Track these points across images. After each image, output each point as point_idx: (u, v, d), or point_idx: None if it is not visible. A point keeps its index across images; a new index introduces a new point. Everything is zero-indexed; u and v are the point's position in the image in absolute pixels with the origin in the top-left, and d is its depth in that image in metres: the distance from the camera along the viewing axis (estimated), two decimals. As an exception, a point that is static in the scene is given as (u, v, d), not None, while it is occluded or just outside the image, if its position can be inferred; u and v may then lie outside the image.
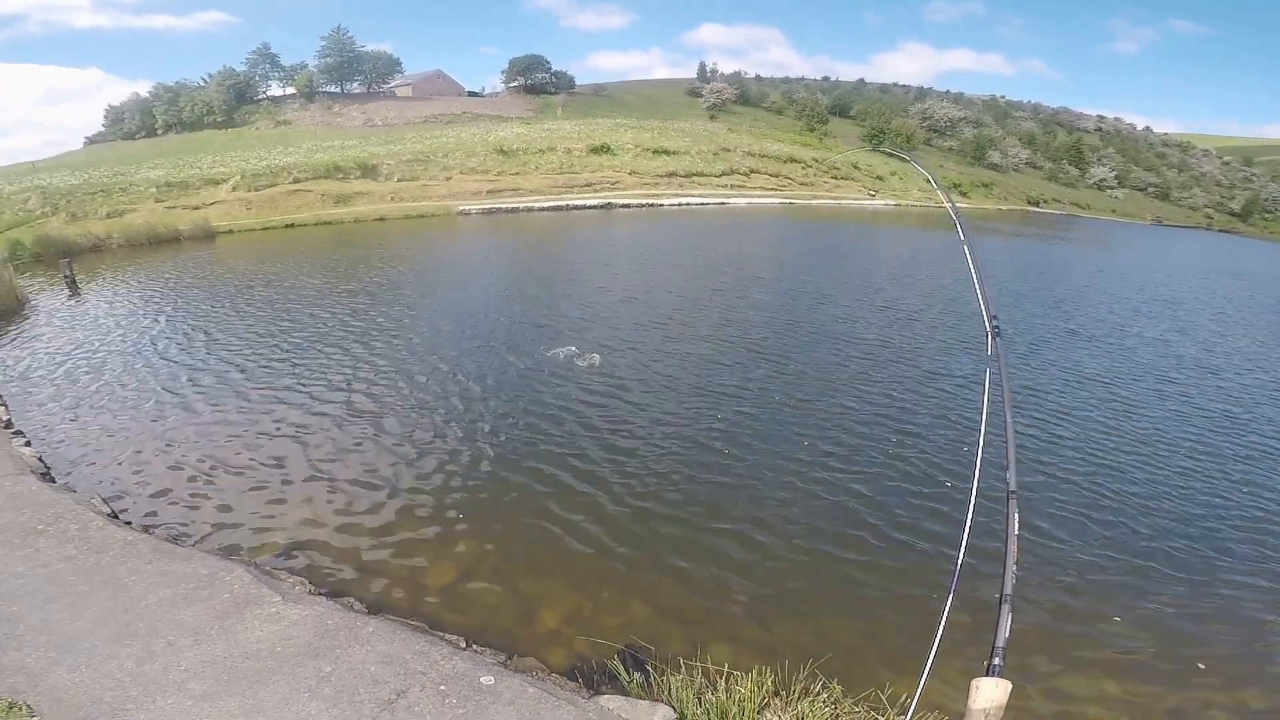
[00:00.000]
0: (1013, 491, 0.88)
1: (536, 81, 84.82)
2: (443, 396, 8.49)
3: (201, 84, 73.48)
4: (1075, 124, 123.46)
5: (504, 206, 33.06)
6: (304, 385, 8.77)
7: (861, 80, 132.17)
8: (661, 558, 5.36)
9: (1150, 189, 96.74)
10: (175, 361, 9.76)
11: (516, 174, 38.83)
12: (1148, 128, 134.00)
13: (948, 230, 34.72)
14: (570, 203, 34.20)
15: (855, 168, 52.55)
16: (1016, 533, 0.86)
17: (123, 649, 3.58)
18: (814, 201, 43.29)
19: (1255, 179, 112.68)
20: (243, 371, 9.32)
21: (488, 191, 36.18)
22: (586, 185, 38.12)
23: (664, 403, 8.53)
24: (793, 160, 49.53)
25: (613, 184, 38.92)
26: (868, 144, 65.07)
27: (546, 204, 33.88)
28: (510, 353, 10.36)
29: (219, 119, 69.14)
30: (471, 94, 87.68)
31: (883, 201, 47.13)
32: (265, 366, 9.52)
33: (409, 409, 8.07)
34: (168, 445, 7.00)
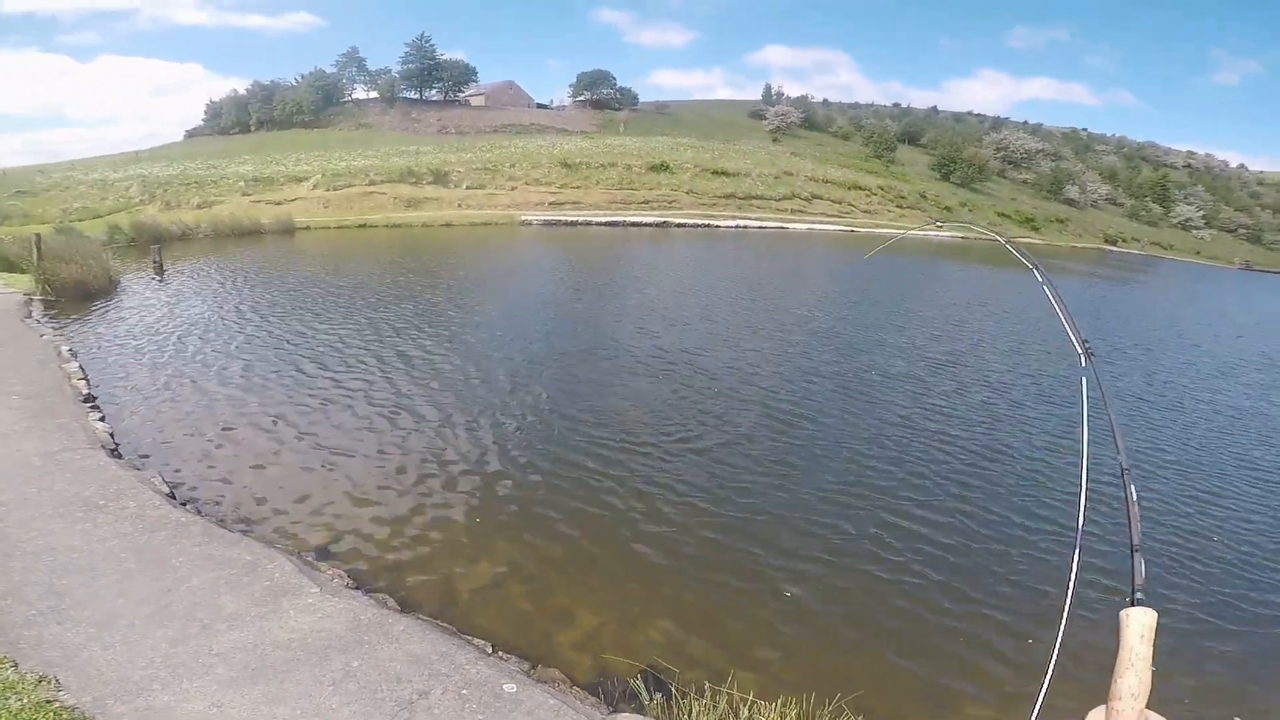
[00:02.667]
0: (1126, 469, 1.06)
1: (601, 96, 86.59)
2: (496, 407, 8.65)
3: (294, 83, 78.13)
4: (1162, 159, 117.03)
5: (564, 219, 33.70)
6: (366, 384, 9.08)
7: (934, 108, 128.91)
8: (696, 579, 5.32)
9: (1241, 230, 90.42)
10: (247, 350, 10.29)
11: (578, 187, 39.58)
12: (1242, 165, 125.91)
13: (1022, 268, 33.29)
14: (628, 219, 34.58)
15: (922, 197, 51.22)
16: (1135, 499, 1.05)
17: (159, 630, 3.73)
18: (877, 230, 42.36)
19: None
20: (309, 365, 9.72)
21: (550, 203, 36.99)
22: (644, 202, 38.50)
23: (713, 419, 8.47)
24: (857, 187, 48.69)
25: (670, 202, 39.17)
26: (936, 173, 63.42)
27: (604, 219, 34.36)
28: (564, 366, 10.51)
29: (307, 118, 73.29)
30: (540, 106, 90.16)
31: (948, 233, 45.68)
32: (331, 362, 9.90)
33: (464, 417, 8.25)
34: (231, 431, 7.35)
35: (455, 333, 12.01)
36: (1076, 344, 1.17)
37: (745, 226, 36.03)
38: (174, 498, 5.55)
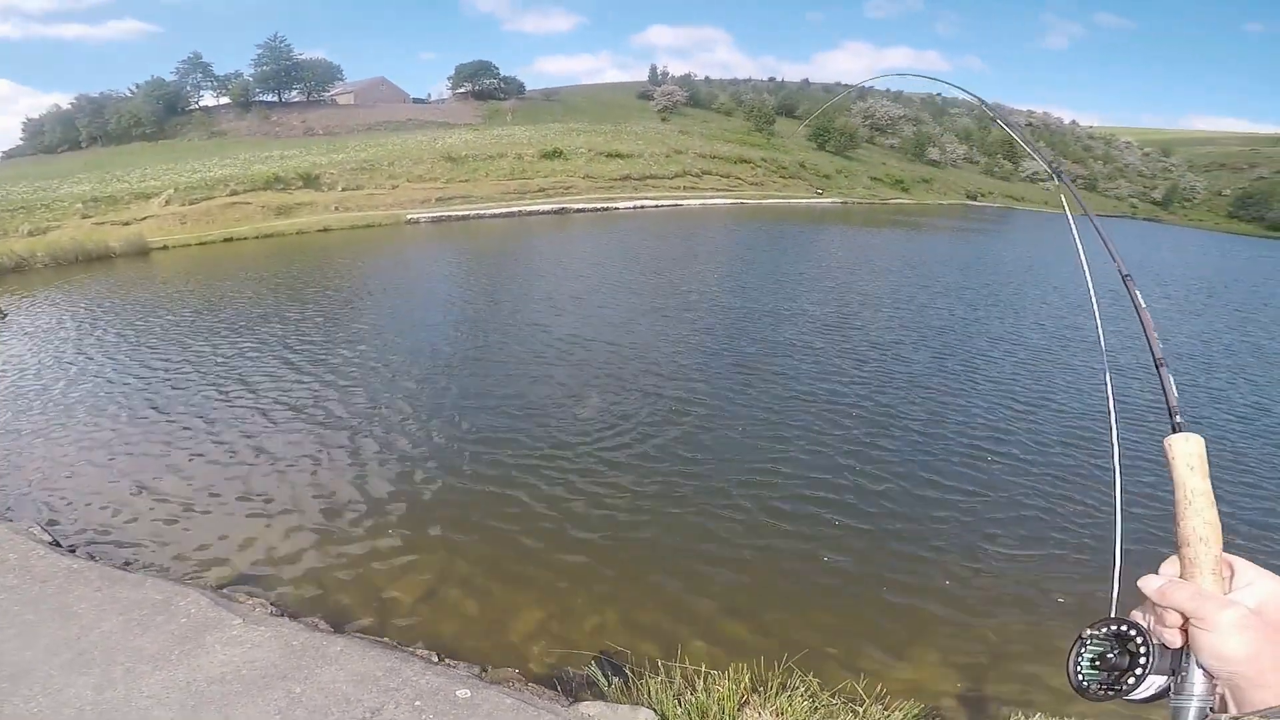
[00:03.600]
0: (1126, 274, 0.93)
1: (484, 87, 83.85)
2: (399, 412, 8.34)
3: (129, 95, 70.04)
4: (1008, 119, 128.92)
5: (454, 214, 32.56)
6: (249, 405, 8.47)
7: (806, 80, 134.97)
8: (633, 562, 5.39)
9: (1078, 180, 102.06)
10: (108, 385, 9.29)
11: (466, 181, 38.31)
12: (1074, 121, 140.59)
13: (902, 227, 35.92)
14: (524, 208, 33.94)
15: (802, 166, 53.77)
16: (1144, 305, 0.88)
17: (80, 677, 3.45)
18: (765, 201, 44.09)
19: (1174, 169, 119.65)
20: (182, 393, 8.94)
21: (437, 199, 35.56)
22: (539, 190, 37.89)
23: (628, 393, 8.59)
24: (743, 161, 50.34)
25: (566, 189, 38.79)
26: (813, 143, 66.68)
27: (499, 210, 33.52)
28: (470, 368, 10.26)
29: (148, 130, 66.00)
30: (417, 101, 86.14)
31: (829, 199, 48.36)
32: (206, 388, 9.15)
33: (363, 427, 7.89)
34: (107, 472, 6.67)
35: (346, 342, 11.40)
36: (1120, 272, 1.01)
37: (643, 206, 36.41)
38: (59, 545, 5.02)
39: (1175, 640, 0.72)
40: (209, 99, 75.49)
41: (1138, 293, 0.94)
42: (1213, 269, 29.46)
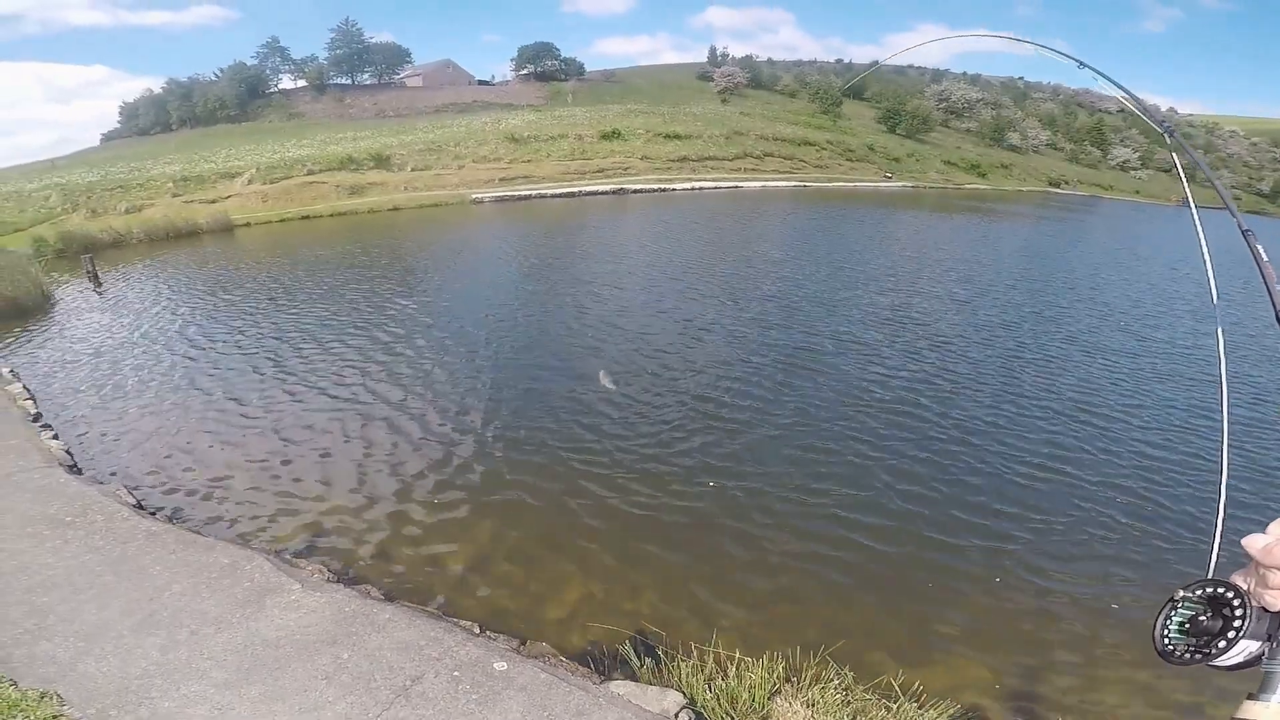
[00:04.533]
0: (1246, 230, 0.97)
1: (546, 69, 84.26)
2: (460, 388, 8.49)
3: (214, 78, 73.92)
4: (1097, 105, 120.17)
5: (517, 194, 32.98)
6: (323, 377, 8.81)
7: (875, 62, 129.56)
8: (676, 546, 5.34)
9: (1173, 170, 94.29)
10: (196, 354, 9.85)
11: (529, 161, 38.70)
12: (1172, 109, 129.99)
13: (976, 213, 34.09)
14: (583, 189, 34.04)
15: (871, 149, 51.72)
16: (1267, 258, 0.90)
17: (148, 638, 3.62)
18: (830, 184, 42.71)
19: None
20: (263, 363, 9.38)
21: (500, 179, 36.11)
22: (599, 171, 37.90)
23: (681, 385, 8.47)
24: (807, 143, 48.86)
25: (624, 169, 38.66)
26: (883, 125, 64.03)
27: (559, 190, 33.75)
28: (528, 347, 10.35)
29: (232, 113, 69.56)
30: (481, 83, 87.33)
31: (899, 184, 46.36)
32: (285, 359, 9.58)
33: (427, 400, 8.08)
34: (191, 438, 7.08)
35: (413, 317, 11.69)
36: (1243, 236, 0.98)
37: (700, 188, 35.89)
38: (142, 508, 5.32)
39: (1274, 602, 0.69)
40: (287, 82, 78.90)
41: (1259, 246, 0.89)
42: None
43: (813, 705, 3.53)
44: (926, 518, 5.79)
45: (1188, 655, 0.73)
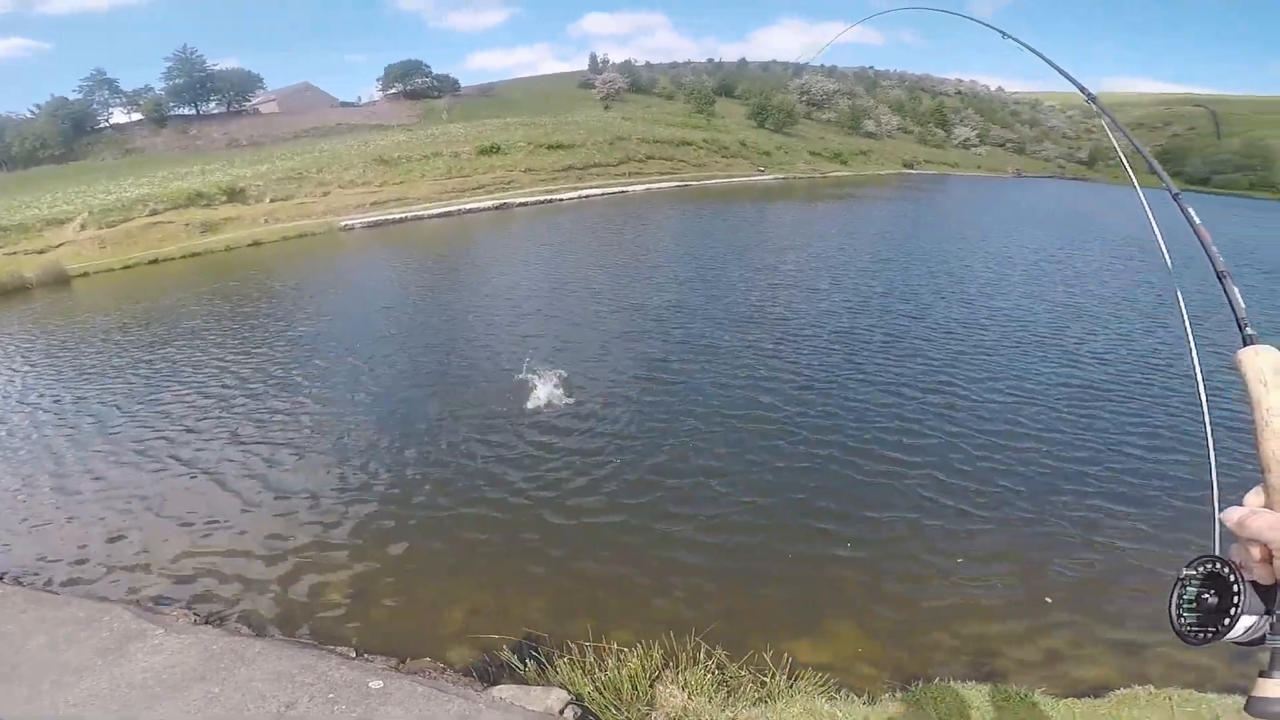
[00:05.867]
0: (1223, 272, 0.86)
1: (417, 87, 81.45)
2: (324, 421, 7.98)
3: (30, 116, 65.54)
4: (937, 89, 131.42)
5: (391, 217, 31.65)
6: (178, 428, 8.02)
7: (744, 60, 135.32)
8: (555, 554, 5.33)
9: (1008, 144, 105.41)
10: (36, 412, 8.74)
11: (401, 183, 37.21)
12: (1000, 88, 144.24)
13: (840, 199, 36.42)
14: (463, 206, 33.17)
15: (743, 145, 54.03)
16: (1199, 222, 0.85)
17: (11, 690, 3.54)
18: (709, 182, 44.16)
19: (1096, 130, 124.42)
20: (110, 414, 8.48)
21: (371, 203, 34.49)
22: (479, 187, 37.09)
23: (553, 400, 8.40)
24: (685, 143, 50.24)
25: (507, 183, 38.07)
26: (752, 121, 67.10)
27: (437, 210, 32.70)
28: (402, 375, 9.89)
29: (56, 152, 61.97)
30: (346, 105, 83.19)
31: (771, 176, 48.74)
32: (132, 407, 8.68)
33: (287, 439, 7.52)
34: (34, 499, 6.40)
35: (276, 357, 10.89)
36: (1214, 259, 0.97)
37: (588, 196, 36.00)
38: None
39: (1265, 575, 0.66)
40: (119, 116, 71.28)
41: (1191, 210, 0.88)
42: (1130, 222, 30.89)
43: (687, 687, 3.59)
44: (788, 504, 6.09)
45: (1200, 634, 0.71)
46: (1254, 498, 0.70)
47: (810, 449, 7.00)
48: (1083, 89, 1.59)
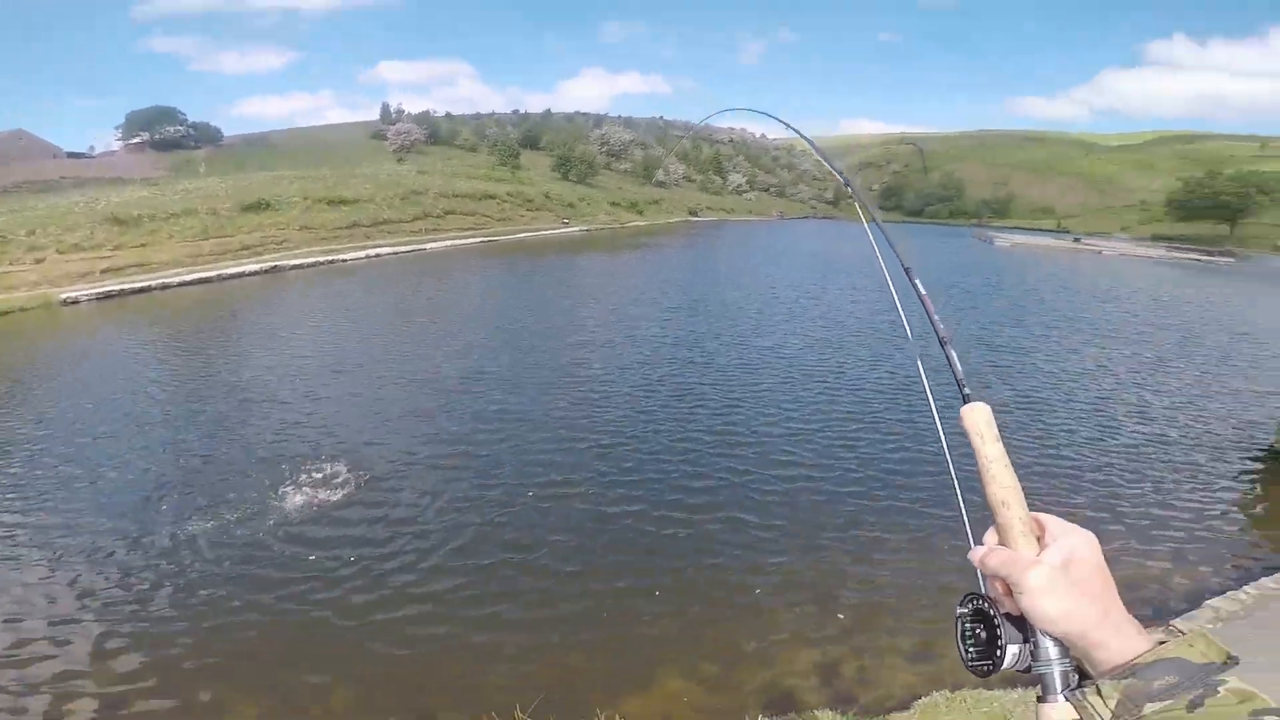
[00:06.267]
0: (907, 266, 0.97)
1: (168, 136, 71.39)
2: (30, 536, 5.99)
3: None
4: (714, 137, 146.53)
5: (130, 286, 26.68)
6: None
7: (548, 110, 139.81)
8: (341, 658, 4.87)
9: (771, 189, 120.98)
10: None
11: (143, 245, 31.71)
12: (763, 134, 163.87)
13: (639, 248, 38.25)
14: (224, 271, 29.04)
15: (547, 197, 54.94)
16: (925, 293, 0.94)
17: None
18: (513, 236, 43.85)
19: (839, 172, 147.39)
20: None
21: (104, 270, 28.82)
22: (244, 248, 32.85)
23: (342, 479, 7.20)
24: (488, 196, 49.62)
25: (279, 243, 34.22)
26: (557, 173, 68.89)
27: (190, 276, 28.25)
28: (129, 471, 7.88)
29: None
30: (74, 155, 70.16)
31: (576, 228, 50.00)
32: None
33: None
34: None
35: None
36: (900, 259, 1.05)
37: (378, 255, 33.60)
38: None
39: (1013, 607, 0.73)
40: None
41: (918, 281, 0.98)
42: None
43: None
44: (598, 568, 5.97)
45: (983, 666, 0.74)
46: (990, 536, 0.76)
47: (613, 508, 7.02)
48: (810, 141, 1.78)
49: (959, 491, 0.87)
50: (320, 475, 7.66)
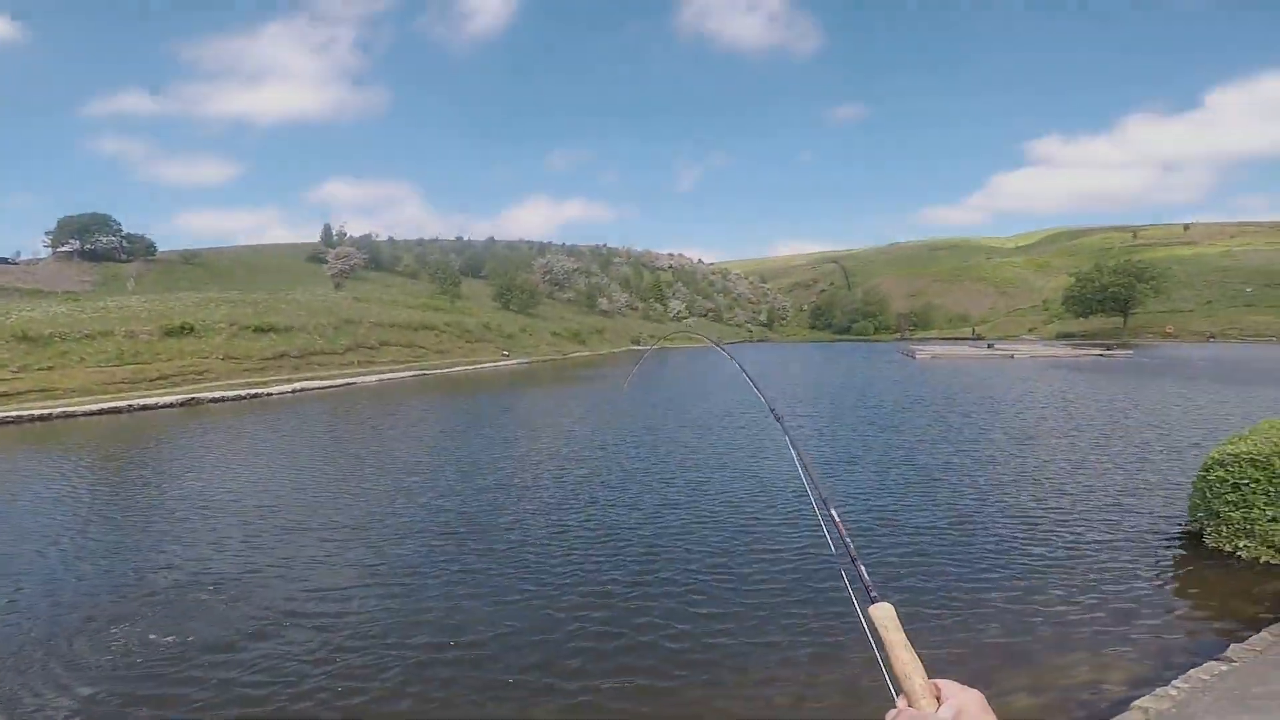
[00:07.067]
0: (825, 498, 1.34)
1: (100, 246, 69.87)
2: None
3: None
4: (654, 264, 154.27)
5: (30, 414, 24.98)
6: None
7: (491, 238, 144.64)
8: None
9: (709, 314, 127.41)
10: None
11: (49, 368, 30.13)
12: (700, 259, 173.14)
13: (582, 382, 38.76)
14: (136, 402, 27.66)
15: (487, 328, 56.03)
16: (839, 519, 1.31)
17: None
18: (451, 370, 44.02)
19: (769, 294, 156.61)
20: None
21: (1, 395, 27.02)
22: (161, 377, 31.60)
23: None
24: (425, 327, 50.15)
25: (200, 373, 33.16)
26: (498, 302, 70.79)
27: (98, 406, 26.73)
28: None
29: None
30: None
31: (516, 361, 50.80)
32: None
33: None
34: None
35: None
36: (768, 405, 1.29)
37: (305, 389, 32.86)
38: None
39: None
40: None
41: (835, 512, 1.31)
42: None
43: None
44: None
45: None
46: (901, 701, 0.95)
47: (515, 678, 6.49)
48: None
49: (878, 651, 1.11)
50: (170, 639, 7.04)
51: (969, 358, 50.45)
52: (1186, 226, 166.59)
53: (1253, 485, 7.39)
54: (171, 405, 28.07)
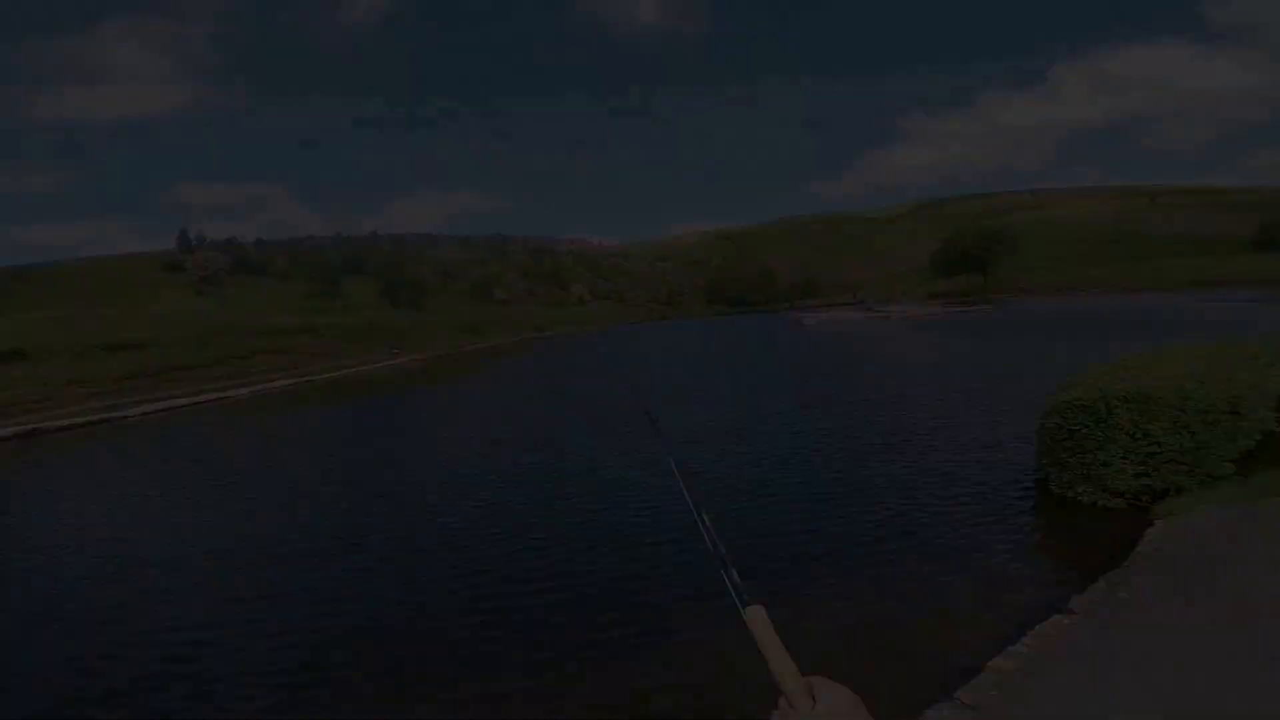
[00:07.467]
0: (699, 504, 1.15)
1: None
2: None
3: None
4: (554, 249, 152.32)
5: None
6: None
7: (374, 233, 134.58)
8: None
9: (611, 296, 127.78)
10: None
11: None
12: (600, 242, 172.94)
13: (474, 374, 37.82)
14: (-44, 444, 24.37)
15: (374, 327, 53.61)
16: (709, 524, 1.11)
17: None
18: (336, 374, 41.71)
19: (669, 272, 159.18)
20: None
21: None
22: (-12, 412, 28.04)
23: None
24: (305, 331, 47.24)
25: (41, 400, 29.69)
26: (385, 299, 67.68)
27: (-92, 454, 23.32)
28: None
29: None
30: None
31: (408, 358, 48.94)
32: None
33: None
34: None
35: None
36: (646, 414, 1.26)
37: (168, 409, 30.18)
38: None
39: None
40: None
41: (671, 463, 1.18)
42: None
43: None
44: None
45: None
46: (782, 701, 0.91)
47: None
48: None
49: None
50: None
51: (851, 321, 54.77)
52: (1033, 193, 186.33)
53: (1085, 430, 7.45)
54: (6, 439, 24.94)
